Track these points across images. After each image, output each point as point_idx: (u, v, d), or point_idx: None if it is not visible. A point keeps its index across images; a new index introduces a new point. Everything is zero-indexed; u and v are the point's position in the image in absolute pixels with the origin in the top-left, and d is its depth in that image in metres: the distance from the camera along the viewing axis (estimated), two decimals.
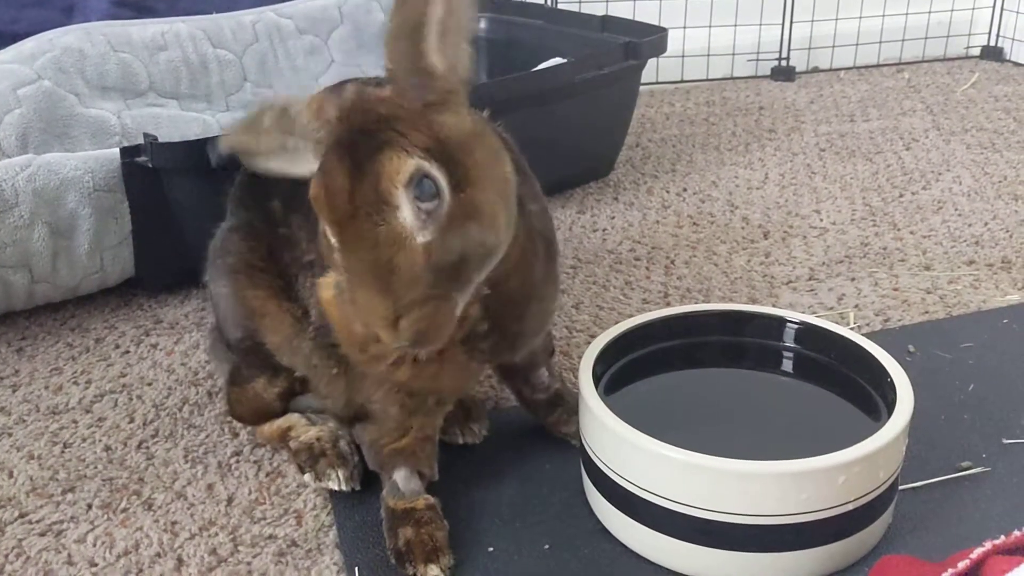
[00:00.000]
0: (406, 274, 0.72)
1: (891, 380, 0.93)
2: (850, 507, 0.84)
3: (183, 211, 1.40)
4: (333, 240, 0.75)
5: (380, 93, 0.75)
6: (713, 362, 1.07)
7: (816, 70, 2.73)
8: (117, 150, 1.38)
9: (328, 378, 0.97)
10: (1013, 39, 2.73)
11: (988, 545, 0.74)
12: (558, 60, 1.75)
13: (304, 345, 0.96)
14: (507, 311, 0.86)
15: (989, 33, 2.77)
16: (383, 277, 0.72)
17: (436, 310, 0.74)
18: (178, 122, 1.75)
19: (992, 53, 2.77)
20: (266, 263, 0.99)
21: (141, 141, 1.39)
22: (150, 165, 1.36)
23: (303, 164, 0.78)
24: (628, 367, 1.03)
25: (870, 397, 0.97)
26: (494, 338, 0.86)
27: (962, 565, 0.74)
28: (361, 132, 0.73)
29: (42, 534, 0.98)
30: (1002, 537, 0.74)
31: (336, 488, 0.99)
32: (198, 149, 1.36)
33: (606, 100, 1.83)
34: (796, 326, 1.05)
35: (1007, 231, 1.62)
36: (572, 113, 1.75)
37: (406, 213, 0.72)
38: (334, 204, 0.73)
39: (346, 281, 0.75)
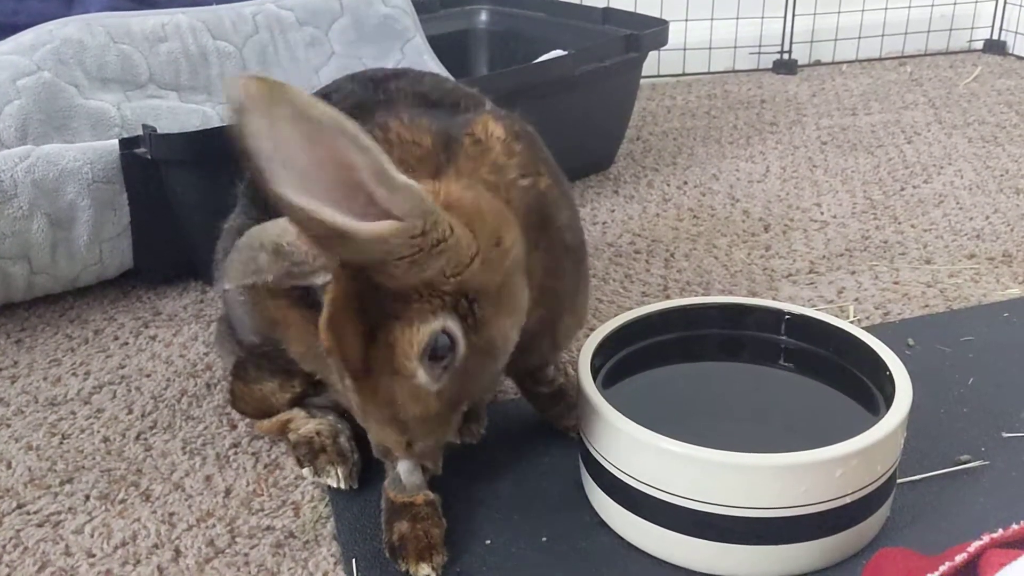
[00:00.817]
0: (420, 418, 0.75)
1: (889, 373, 0.92)
2: (847, 500, 0.84)
3: (182, 203, 1.40)
4: (347, 383, 0.74)
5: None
6: (711, 355, 1.07)
7: (818, 63, 2.72)
8: (116, 141, 1.38)
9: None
10: (1016, 33, 2.73)
11: (986, 539, 0.74)
12: (559, 52, 1.75)
13: None
14: (535, 333, 0.86)
15: (992, 27, 2.77)
16: (398, 420, 0.75)
17: (444, 431, 0.78)
18: (178, 114, 1.75)
19: (995, 47, 2.76)
20: None
21: (140, 133, 1.39)
22: (149, 156, 1.36)
23: (318, 278, 0.76)
24: (626, 360, 1.03)
25: (868, 390, 0.96)
26: (522, 353, 0.87)
27: (959, 558, 0.74)
28: (370, 289, 0.71)
29: (40, 525, 0.98)
30: (1000, 531, 0.74)
31: (335, 485, 0.99)
32: (197, 141, 1.36)
33: (607, 93, 1.83)
34: (794, 319, 1.04)
35: (1008, 225, 1.61)
36: (573, 106, 1.75)
37: (421, 377, 0.73)
38: (347, 363, 0.73)
39: (358, 406, 0.76)
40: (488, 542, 0.92)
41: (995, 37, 2.77)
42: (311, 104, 0.60)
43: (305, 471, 1.01)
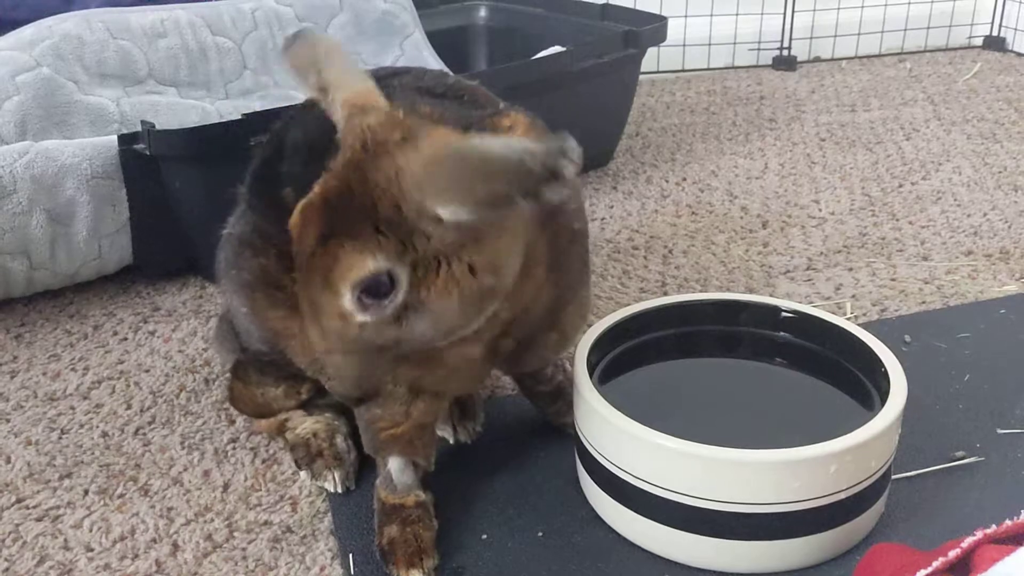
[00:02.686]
0: (338, 334, 0.73)
1: (885, 370, 0.93)
2: (842, 496, 0.84)
3: (181, 198, 1.41)
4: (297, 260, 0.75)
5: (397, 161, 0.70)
6: (708, 351, 1.07)
7: (818, 59, 2.72)
8: (115, 137, 1.38)
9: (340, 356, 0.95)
10: (1016, 29, 2.72)
11: (979, 534, 0.74)
12: (558, 48, 1.75)
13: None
14: (540, 325, 0.86)
15: (992, 23, 2.76)
16: (320, 324, 0.74)
17: (362, 365, 0.76)
18: (177, 110, 1.75)
19: (994, 43, 2.76)
20: (281, 276, 0.92)
21: (139, 128, 1.39)
22: (148, 152, 1.36)
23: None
24: (623, 356, 1.03)
25: (864, 386, 0.97)
26: (519, 351, 0.87)
27: (952, 554, 0.74)
28: (352, 195, 0.71)
29: (39, 519, 0.98)
30: (993, 526, 0.74)
31: (331, 489, 0.99)
32: (196, 137, 1.37)
33: (606, 89, 1.83)
34: (790, 315, 1.05)
35: (1006, 221, 1.61)
36: (571, 102, 1.75)
37: (346, 301, 0.71)
38: (300, 247, 0.73)
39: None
40: (485, 537, 0.93)
41: (995, 33, 2.77)
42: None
43: (303, 474, 1.01)
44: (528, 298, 0.82)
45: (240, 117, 1.37)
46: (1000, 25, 2.75)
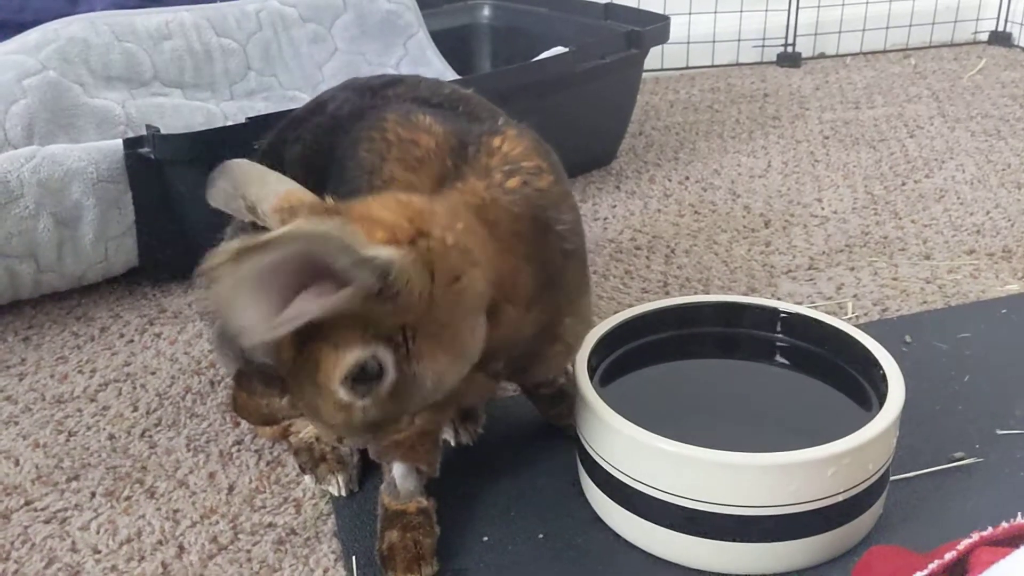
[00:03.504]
0: (345, 426, 0.75)
1: (883, 372, 0.93)
2: (840, 498, 0.85)
3: (186, 201, 1.41)
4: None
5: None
6: (708, 353, 1.08)
7: (822, 56, 2.72)
8: (120, 141, 1.39)
9: None
10: (1022, 24, 2.72)
11: (975, 536, 0.75)
12: (560, 49, 1.75)
13: None
14: (538, 338, 0.86)
15: (997, 18, 2.76)
16: (324, 422, 0.75)
17: (381, 435, 0.78)
18: (182, 111, 1.76)
19: (1000, 38, 2.75)
20: None
21: (145, 132, 1.40)
22: (153, 156, 1.37)
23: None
24: (623, 358, 1.04)
25: (863, 388, 0.98)
26: (525, 366, 0.88)
27: (949, 556, 0.75)
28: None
29: (47, 521, 0.99)
30: (990, 529, 0.75)
31: (335, 493, 1.00)
32: (200, 141, 1.38)
33: (608, 89, 1.83)
34: (790, 317, 1.05)
35: (1009, 220, 1.62)
36: (574, 102, 1.76)
37: (343, 396, 0.72)
38: (279, 361, 0.74)
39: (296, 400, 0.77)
40: (485, 539, 0.94)
41: (1000, 29, 2.76)
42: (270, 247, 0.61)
43: (307, 479, 1.03)
44: (523, 326, 0.82)
45: (245, 121, 1.38)
46: (1006, 20, 2.75)
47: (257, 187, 0.79)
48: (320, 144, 0.95)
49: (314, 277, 0.65)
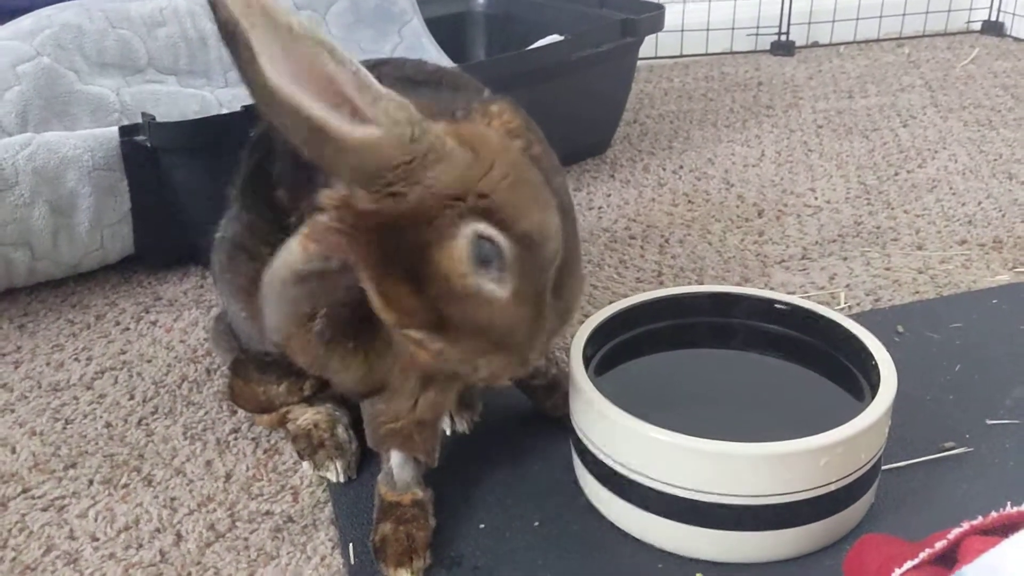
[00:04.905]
0: (517, 330, 0.74)
1: (875, 362, 0.94)
2: (832, 488, 0.86)
3: (182, 189, 1.42)
4: (430, 337, 0.73)
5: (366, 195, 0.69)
6: (702, 343, 1.09)
7: (816, 45, 2.73)
8: (116, 129, 1.39)
9: (344, 352, 0.95)
10: (1014, 14, 2.73)
11: (965, 525, 0.76)
12: (555, 37, 1.75)
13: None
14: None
15: (990, 8, 2.76)
16: (500, 344, 0.74)
17: (540, 332, 0.77)
18: (177, 99, 1.76)
19: (993, 28, 2.76)
20: None
21: (140, 119, 1.40)
22: (148, 144, 1.37)
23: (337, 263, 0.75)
24: (618, 348, 1.05)
25: (855, 378, 0.98)
26: None
27: (939, 545, 0.76)
28: (394, 240, 0.70)
29: (44, 509, 1.00)
30: (979, 518, 0.76)
31: (334, 479, 1.01)
32: (196, 129, 1.38)
33: (603, 77, 1.84)
34: (784, 307, 1.06)
35: (1000, 210, 1.63)
36: (569, 90, 1.76)
37: (486, 285, 0.71)
38: (419, 322, 0.72)
39: (454, 358, 0.74)
40: (482, 526, 0.94)
41: (993, 18, 2.77)
42: (284, 13, 0.62)
43: (305, 465, 1.03)
44: None
45: (240, 109, 1.37)
46: (999, 10, 2.75)
47: None
48: None
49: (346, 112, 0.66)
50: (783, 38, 2.65)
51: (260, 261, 0.92)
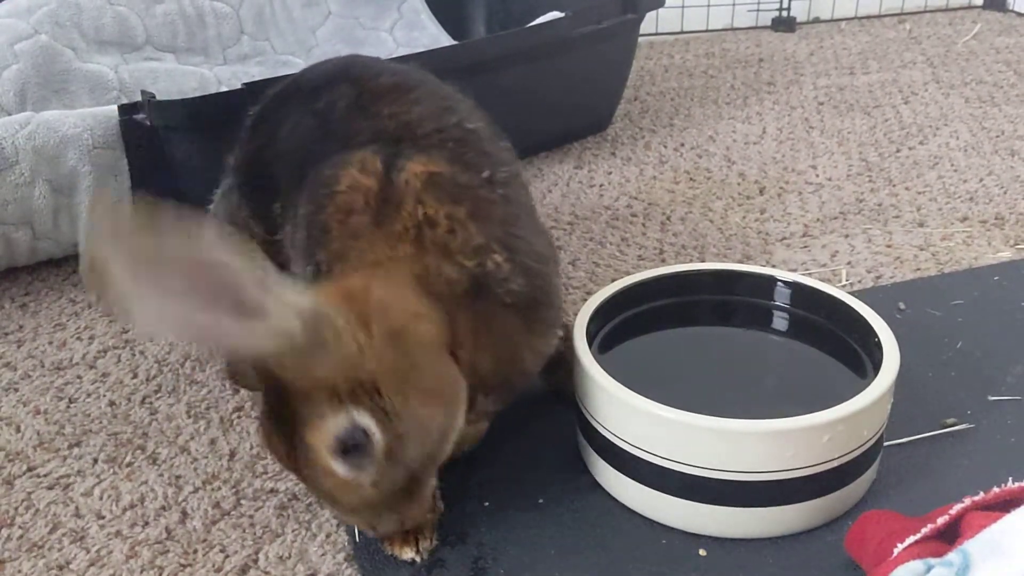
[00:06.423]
0: (365, 506, 0.77)
1: (878, 340, 0.94)
2: (835, 464, 0.86)
3: (182, 167, 1.41)
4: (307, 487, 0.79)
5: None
6: (705, 320, 1.09)
7: (817, 20, 2.71)
8: (115, 107, 1.38)
9: None
10: None
11: (967, 501, 0.76)
12: (556, 14, 1.74)
13: None
14: (500, 372, 0.87)
15: None
16: (349, 511, 0.79)
17: (409, 509, 0.80)
18: (175, 76, 1.75)
19: (995, 3, 2.75)
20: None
21: (139, 97, 1.40)
22: (148, 123, 1.37)
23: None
24: (622, 325, 1.05)
25: (858, 355, 0.99)
26: (506, 382, 0.90)
27: (941, 521, 0.76)
28: (285, 397, 0.73)
29: (50, 487, 1.00)
30: (981, 494, 0.77)
31: None
32: (196, 107, 1.37)
33: (604, 54, 1.83)
34: (786, 285, 1.06)
35: (1002, 187, 1.62)
36: (570, 67, 1.75)
37: (342, 471, 0.74)
38: (285, 465, 0.77)
39: (332, 508, 0.81)
40: (487, 504, 0.95)
41: None
42: (162, 241, 0.60)
43: None
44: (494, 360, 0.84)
45: (240, 87, 1.37)
46: None
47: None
48: (318, 125, 0.94)
49: (234, 307, 0.64)
50: (784, 14, 2.63)
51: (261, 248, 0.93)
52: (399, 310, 0.77)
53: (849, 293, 1.04)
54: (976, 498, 0.77)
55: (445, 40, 2.06)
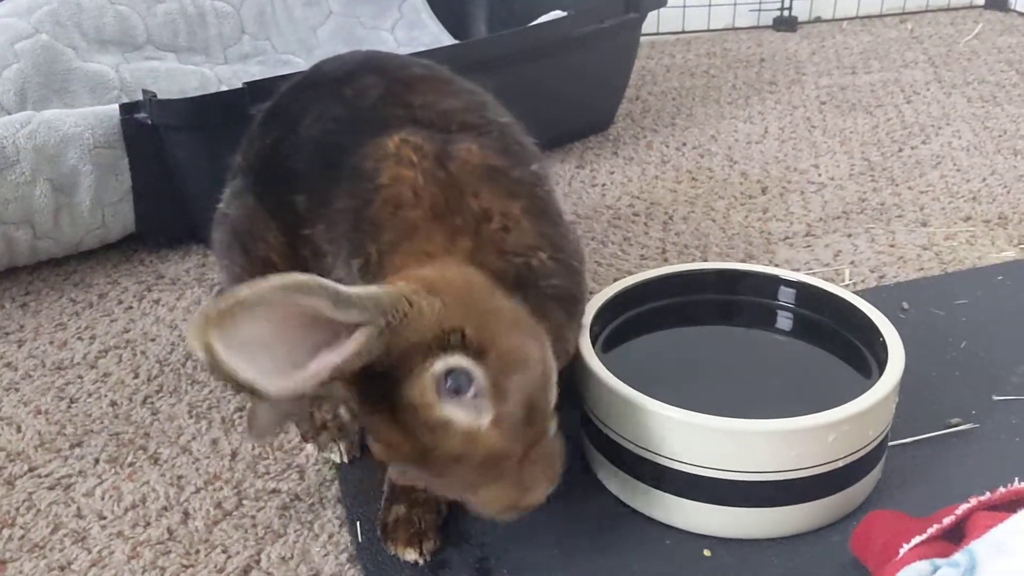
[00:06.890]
0: (499, 460, 0.73)
1: (883, 339, 0.94)
2: (840, 464, 0.86)
3: (183, 167, 1.41)
4: (417, 471, 0.75)
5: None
6: (709, 320, 1.08)
7: (819, 20, 2.71)
8: (116, 106, 1.38)
9: None
10: None
11: (973, 501, 0.76)
12: (558, 13, 1.74)
13: None
14: None
15: None
16: (486, 478, 0.74)
17: (544, 455, 0.77)
18: (176, 75, 1.75)
19: (996, 2, 2.74)
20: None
21: (140, 96, 1.39)
22: (149, 122, 1.36)
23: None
24: (625, 325, 1.04)
25: (862, 355, 0.98)
26: None
27: (947, 521, 0.76)
28: (375, 383, 0.72)
29: (51, 488, 1.00)
30: (987, 493, 0.76)
31: (338, 460, 1.01)
32: (197, 106, 1.37)
33: (606, 54, 1.82)
34: (790, 285, 1.06)
35: (1005, 186, 1.62)
36: (572, 67, 1.75)
37: (458, 417, 0.71)
38: (405, 458, 0.73)
39: (443, 484, 0.76)
40: None
41: None
42: (249, 300, 0.61)
43: (309, 447, 1.03)
44: None
45: (242, 86, 1.36)
46: None
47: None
48: (341, 122, 0.92)
49: (330, 337, 0.66)
50: (786, 13, 2.63)
51: (253, 255, 0.92)
52: (460, 276, 0.77)
53: (853, 293, 1.04)
54: (982, 498, 0.76)
55: (446, 39, 2.06)
